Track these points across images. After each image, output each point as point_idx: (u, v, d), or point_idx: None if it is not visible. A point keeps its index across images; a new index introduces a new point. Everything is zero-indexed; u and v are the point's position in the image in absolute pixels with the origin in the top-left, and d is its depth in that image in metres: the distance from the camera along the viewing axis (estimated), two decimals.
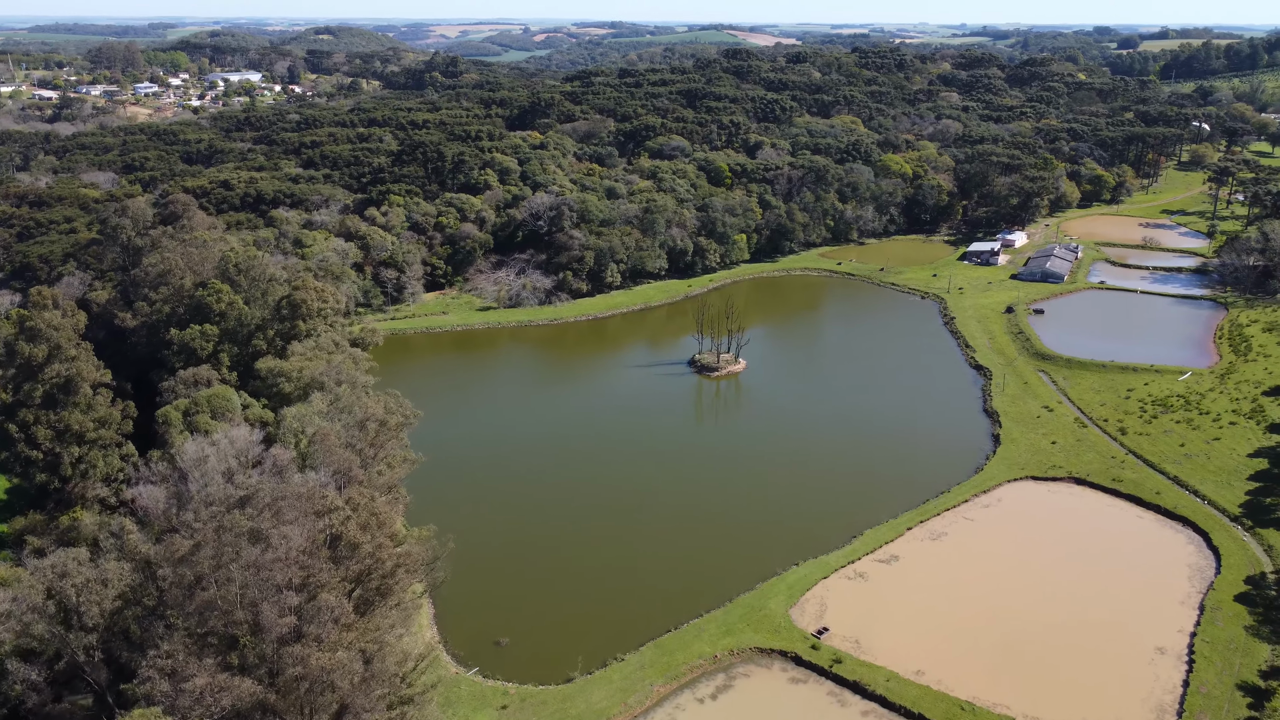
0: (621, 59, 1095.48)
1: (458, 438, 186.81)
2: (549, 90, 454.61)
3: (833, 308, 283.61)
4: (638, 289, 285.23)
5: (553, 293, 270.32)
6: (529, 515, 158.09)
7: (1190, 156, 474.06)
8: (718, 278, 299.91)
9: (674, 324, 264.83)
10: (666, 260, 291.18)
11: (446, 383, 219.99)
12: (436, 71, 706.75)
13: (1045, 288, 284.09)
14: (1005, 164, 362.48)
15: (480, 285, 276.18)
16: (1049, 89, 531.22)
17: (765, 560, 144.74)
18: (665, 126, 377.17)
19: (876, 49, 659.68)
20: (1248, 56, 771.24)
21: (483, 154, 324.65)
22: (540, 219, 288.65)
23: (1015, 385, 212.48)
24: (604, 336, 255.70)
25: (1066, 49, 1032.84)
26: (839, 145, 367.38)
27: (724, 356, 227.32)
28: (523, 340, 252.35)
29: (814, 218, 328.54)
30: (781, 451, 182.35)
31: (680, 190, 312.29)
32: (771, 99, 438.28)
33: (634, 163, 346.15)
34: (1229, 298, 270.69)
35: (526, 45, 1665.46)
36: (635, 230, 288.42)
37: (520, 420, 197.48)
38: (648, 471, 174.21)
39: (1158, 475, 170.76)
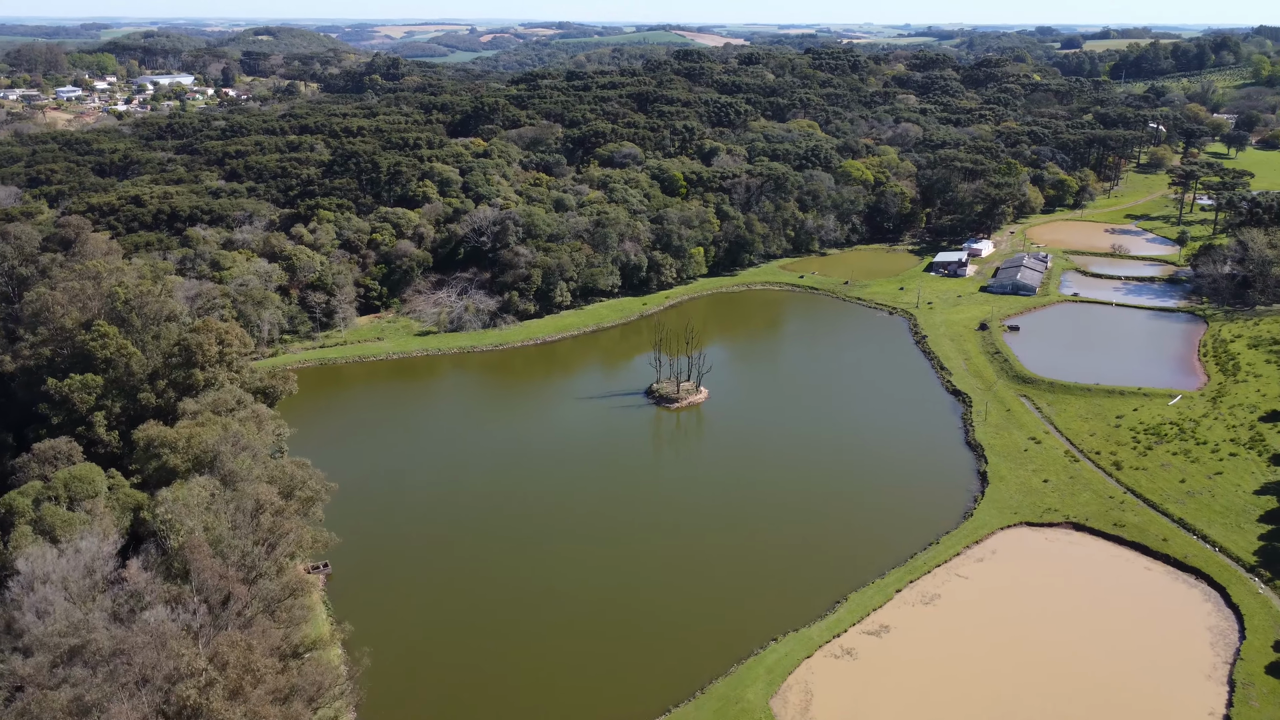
0: (570, 60, 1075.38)
1: (388, 491, 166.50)
2: (493, 94, 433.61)
3: (797, 326, 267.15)
4: (589, 308, 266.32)
5: (498, 315, 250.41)
6: (468, 590, 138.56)
7: (1149, 159, 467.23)
8: (674, 294, 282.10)
9: (629, 346, 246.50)
10: (620, 277, 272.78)
11: (379, 420, 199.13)
12: (377, 74, 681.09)
13: (1017, 301, 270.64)
14: (969, 169, 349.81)
15: (419, 307, 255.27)
16: (1005, 90, 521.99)
17: (739, 636, 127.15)
18: (616, 132, 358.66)
19: (829, 50, 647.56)
20: (1195, 56, 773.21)
21: (421, 164, 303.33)
22: (483, 234, 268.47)
23: (998, 413, 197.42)
24: (554, 363, 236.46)
25: (1014, 49, 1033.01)
26: (797, 151, 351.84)
27: (684, 386, 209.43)
28: (466, 368, 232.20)
29: (774, 228, 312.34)
30: (751, 500, 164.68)
31: (633, 201, 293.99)
32: (725, 102, 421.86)
33: (583, 171, 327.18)
34: (1207, 310, 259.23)
35: (473, 46, 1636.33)
36: (586, 245, 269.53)
37: (461, 466, 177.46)
38: (603, 531, 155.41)
39: (1161, 518, 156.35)
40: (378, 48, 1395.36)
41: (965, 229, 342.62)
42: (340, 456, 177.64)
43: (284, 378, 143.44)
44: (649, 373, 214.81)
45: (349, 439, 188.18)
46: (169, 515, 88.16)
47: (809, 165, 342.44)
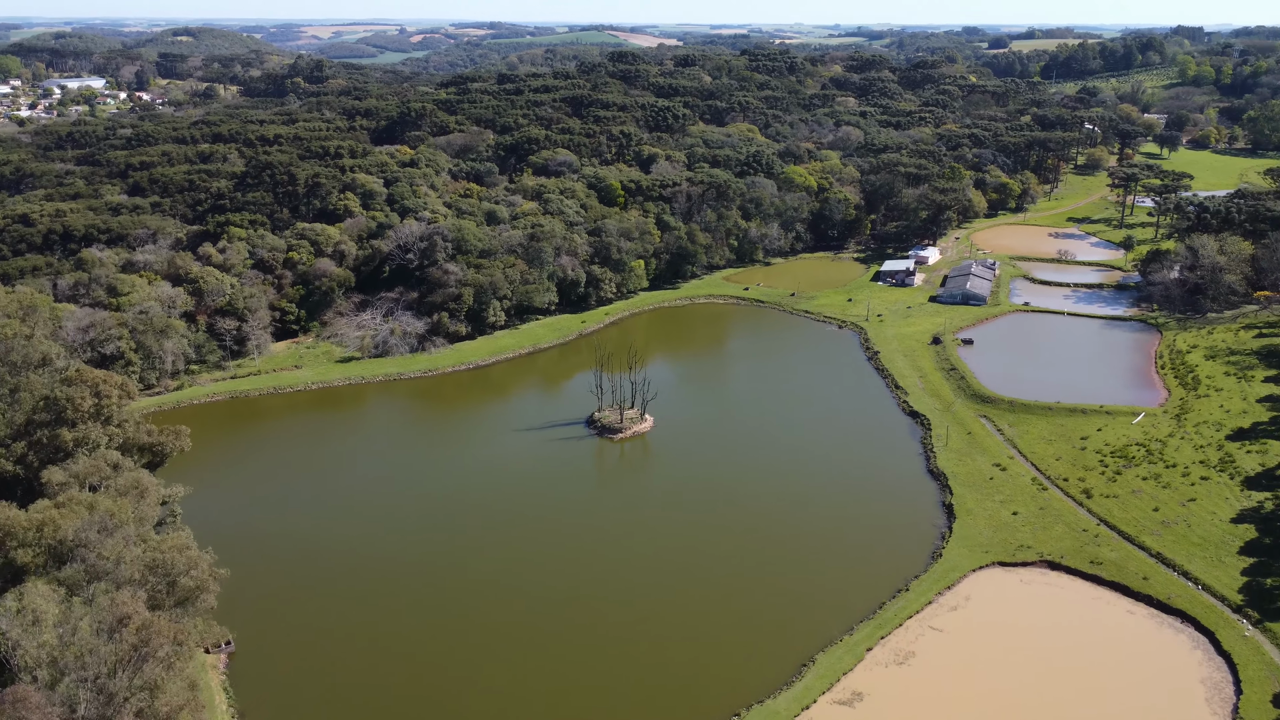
0: (501, 61, 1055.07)
1: (304, 545, 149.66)
2: (420, 99, 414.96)
3: (744, 344, 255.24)
4: (525, 328, 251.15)
5: (426, 337, 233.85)
6: (393, 662, 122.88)
7: (1087, 160, 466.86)
8: (615, 310, 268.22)
9: (568, 368, 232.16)
10: (557, 293, 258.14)
11: (297, 461, 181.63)
12: (300, 77, 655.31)
13: (968, 312, 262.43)
14: (912, 174, 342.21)
15: (341, 331, 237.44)
16: (944, 92, 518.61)
17: (695, 714, 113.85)
18: (550, 139, 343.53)
19: (766, 51, 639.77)
20: (1122, 57, 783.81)
21: (343, 175, 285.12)
22: (410, 251, 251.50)
23: (959, 437, 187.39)
24: (488, 389, 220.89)
25: (944, 49, 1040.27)
26: (738, 157, 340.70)
27: (628, 414, 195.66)
28: (393, 396, 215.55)
29: (717, 238, 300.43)
30: (702, 547, 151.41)
31: (569, 212, 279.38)
32: (663, 106, 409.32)
33: (516, 180, 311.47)
34: (1159, 318, 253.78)
35: (403, 46, 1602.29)
36: (520, 261, 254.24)
37: (386, 513, 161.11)
38: (541, 591, 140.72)
39: (1138, 552, 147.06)
40: (304, 49, 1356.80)
41: (911, 235, 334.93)
42: (250, 508, 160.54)
43: (175, 433, 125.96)
44: (590, 399, 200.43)
45: (261, 485, 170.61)
46: (7, 632, 71.82)
47: (751, 171, 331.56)
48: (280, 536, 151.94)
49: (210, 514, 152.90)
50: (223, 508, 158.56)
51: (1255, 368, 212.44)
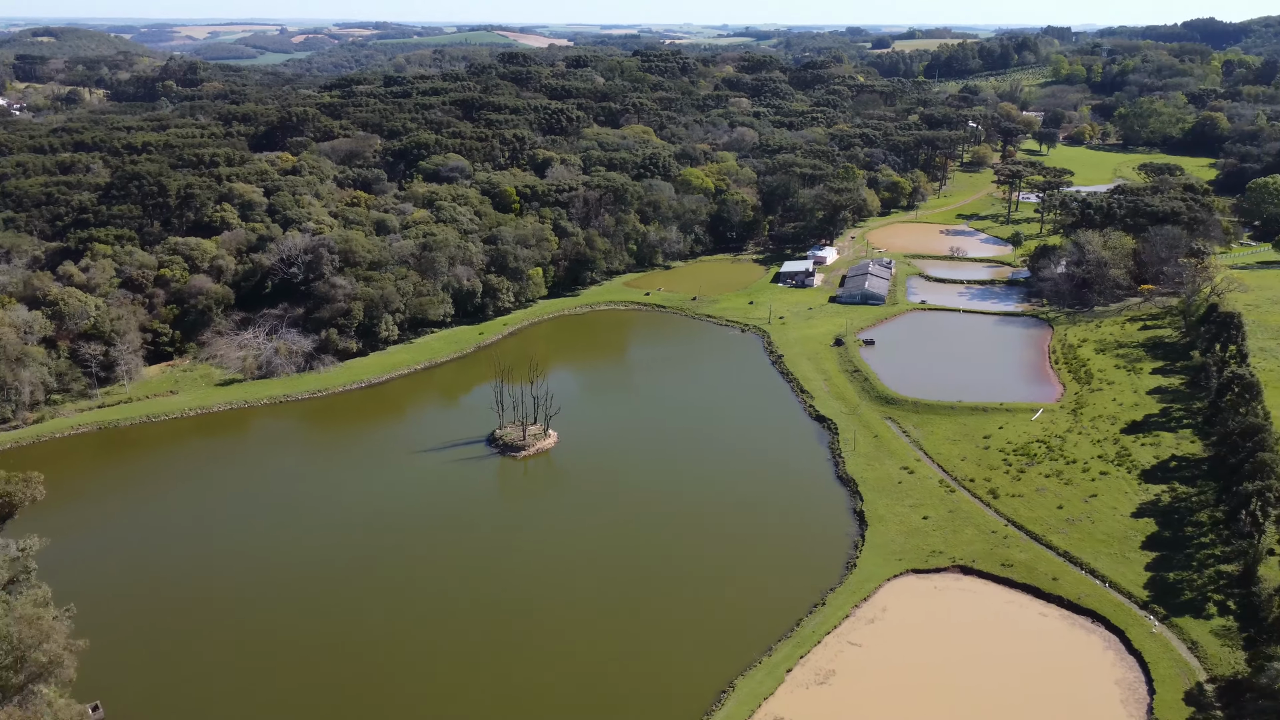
0: (389, 62, 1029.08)
1: (182, 591, 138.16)
2: (303, 102, 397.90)
3: (648, 350, 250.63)
4: (420, 342, 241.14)
5: (315, 356, 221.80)
6: (278, 714, 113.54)
7: (972, 157, 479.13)
8: (513, 320, 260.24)
9: (468, 383, 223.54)
10: (453, 305, 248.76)
11: (172, 497, 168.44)
12: (173, 80, 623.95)
13: (868, 311, 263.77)
14: (808, 175, 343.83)
15: (221, 352, 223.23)
16: (834, 92, 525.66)
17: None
18: (441, 143, 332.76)
19: (658, 52, 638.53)
20: (1000, 56, 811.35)
21: (219, 184, 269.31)
22: (294, 264, 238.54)
23: (866, 441, 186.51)
24: (383, 408, 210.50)
25: (831, 49, 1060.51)
26: (635, 159, 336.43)
27: (530, 430, 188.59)
28: (280, 419, 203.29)
29: (616, 243, 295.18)
30: (612, 567, 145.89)
31: (463, 220, 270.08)
32: (556, 108, 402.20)
33: (407, 188, 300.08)
34: (1049, 313, 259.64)
35: (285, 47, 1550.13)
36: (413, 272, 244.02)
37: (273, 549, 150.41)
38: (442, 622, 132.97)
39: (1047, 552, 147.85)
40: (178, 50, 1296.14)
41: (808, 235, 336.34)
42: (122, 553, 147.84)
43: (24, 481, 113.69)
44: (490, 415, 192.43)
45: (133, 527, 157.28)
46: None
47: (648, 174, 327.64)
48: (155, 583, 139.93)
49: (75, 563, 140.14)
50: (90, 555, 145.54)
51: (1142, 360, 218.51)
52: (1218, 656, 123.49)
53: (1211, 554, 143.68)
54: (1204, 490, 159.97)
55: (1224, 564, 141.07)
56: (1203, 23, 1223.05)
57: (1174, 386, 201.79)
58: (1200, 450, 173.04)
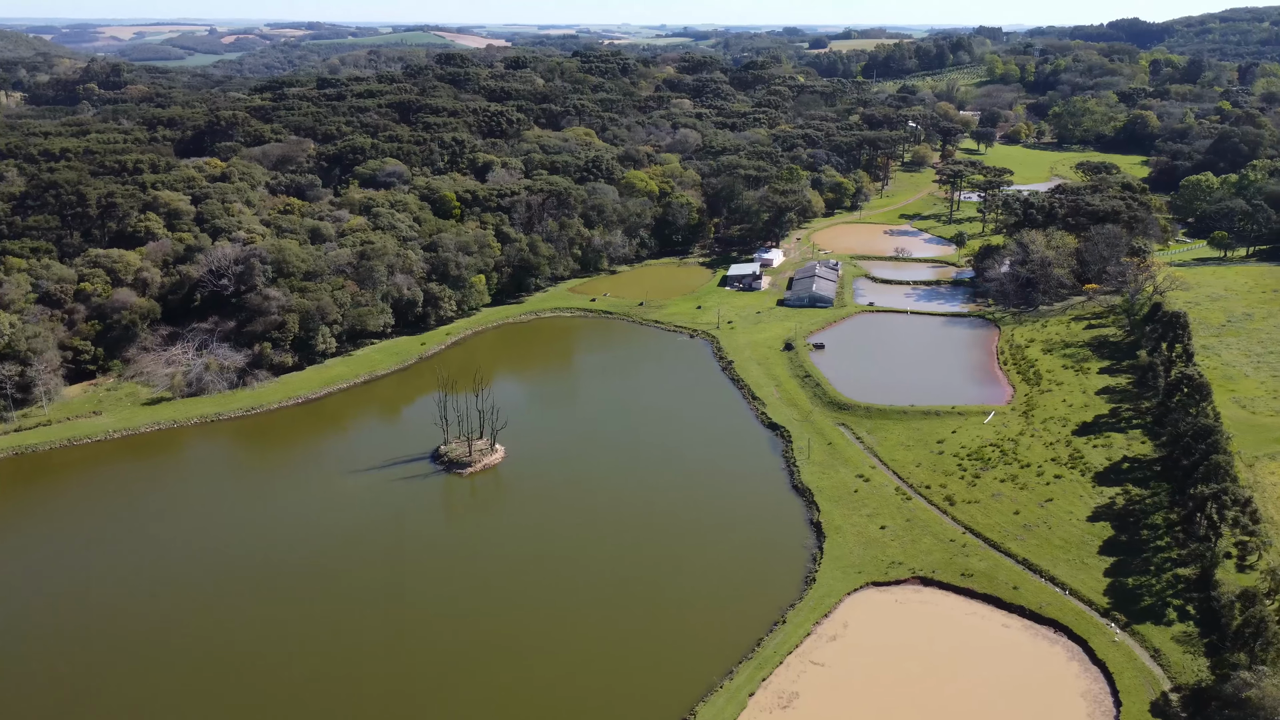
0: (322, 63, 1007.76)
1: (95, 629, 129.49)
2: (232, 106, 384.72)
3: (595, 358, 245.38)
4: (359, 354, 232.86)
5: (248, 371, 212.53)
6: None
7: (913, 157, 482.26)
8: (456, 329, 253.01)
9: (410, 396, 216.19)
10: (392, 315, 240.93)
11: (94, 526, 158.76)
12: (95, 83, 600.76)
13: (817, 314, 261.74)
14: (752, 176, 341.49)
15: (148, 369, 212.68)
16: (774, 93, 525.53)
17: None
18: (377, 148, 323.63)
19: (598, 53, 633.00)
20: (936, 56, 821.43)
21: (144, 192, 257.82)
22: (224, 276, 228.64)
23: (820, 448, 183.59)
24: (321, 425, 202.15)
25: (769, 49, 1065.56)
26: (577, 162, 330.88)
27: (476, 445, 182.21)
28: (212, 439, 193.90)
29: (560, 248, 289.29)
30: (565, 589, 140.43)
31: (402, 227, 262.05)
32: (496, 110, 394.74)
33: (342, 194, 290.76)
34: (995, 313, 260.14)
35: (214, 48, 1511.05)
36: (350, 281, 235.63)
37: (202, 579, 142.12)
38: (387, 656, 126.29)
39: (1006, 560, 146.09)
40: (102, 51, 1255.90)
41: (754, 238, 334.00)
42: (38, 591, 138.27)
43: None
44: (434, 431, 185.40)
45: (51, 561, 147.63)
46: None
47: (591, 177, 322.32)
48: (74, 623, 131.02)
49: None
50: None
51: (1089, 359, 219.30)
52: (1181, 664, 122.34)
53: (1169, 557, 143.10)
54: (1157, 492, 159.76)
55: (1181, 568, 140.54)
56: (1127, 23, 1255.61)
57: (1122, 386, 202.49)
58: (1151, 451, 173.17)
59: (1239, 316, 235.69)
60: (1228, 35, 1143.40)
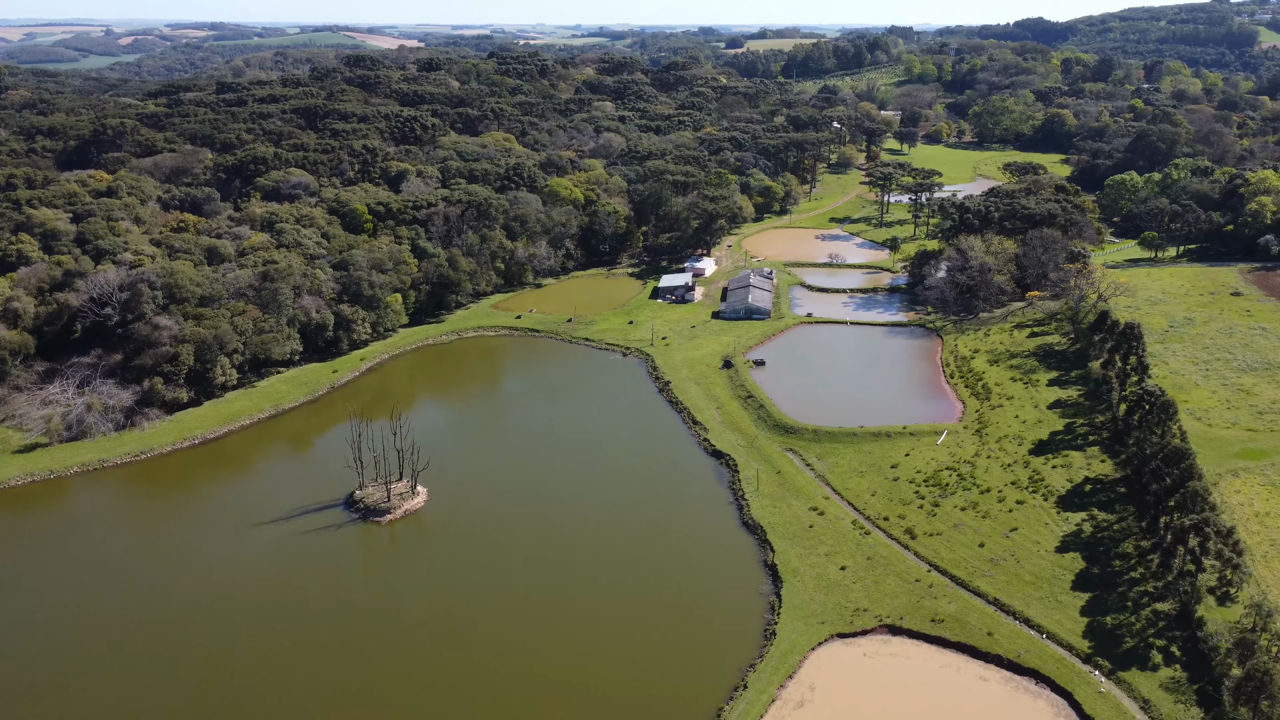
0: (226, 65, 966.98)
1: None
2: (121, 113, 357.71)
3: (523, 382, 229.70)
4: (264, 385, 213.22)
5: (137, 410, 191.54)
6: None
7: (839, 158, 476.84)
8: (371, 354, 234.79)
9: (321, 431, 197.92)
10: (300, 340, 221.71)
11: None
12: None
13: (754, 327, 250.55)
14: (680, 182, 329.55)
15: (20, 411, 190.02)
16: (698, 94, 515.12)
17: None
18: (281, 157, 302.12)
19: (514, 54, 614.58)
20: (854, 56, 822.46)
21: (16, 211, 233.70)
22: (108, 304, 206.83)
23: (769, 478, 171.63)
24: (221, 469, 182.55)
25: (686, 49, 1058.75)
26: (497, 170, 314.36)
27: (396, 488, 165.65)
28: (95, 490, 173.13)
29: (481, 262, 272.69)
30: (499, 651, 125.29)
31: (309, 244, 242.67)
32: (409, 115, 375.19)
33: (243, 208, 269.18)
34: (936, 322, 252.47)
35: (111, 49, 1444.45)
36: (252, 306, 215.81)
37: (81, 655, 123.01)
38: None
39: (976, 600, 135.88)
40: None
41: (684, 246, 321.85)
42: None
43: None
44: (349, 473, 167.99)
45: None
46: None
47: (512, 186, 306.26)
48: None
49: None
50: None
51: (1037, 370, 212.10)
52: (1172, 716, 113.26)
53: (1145, 591, 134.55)
54: (1124, 516, 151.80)
55: (1159, 602, 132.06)
56: (1033, 22, 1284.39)
57: (1073, 399, 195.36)
58: (1112, 470, 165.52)
59: (1180, 321, 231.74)
60: (1128, 34, 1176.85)
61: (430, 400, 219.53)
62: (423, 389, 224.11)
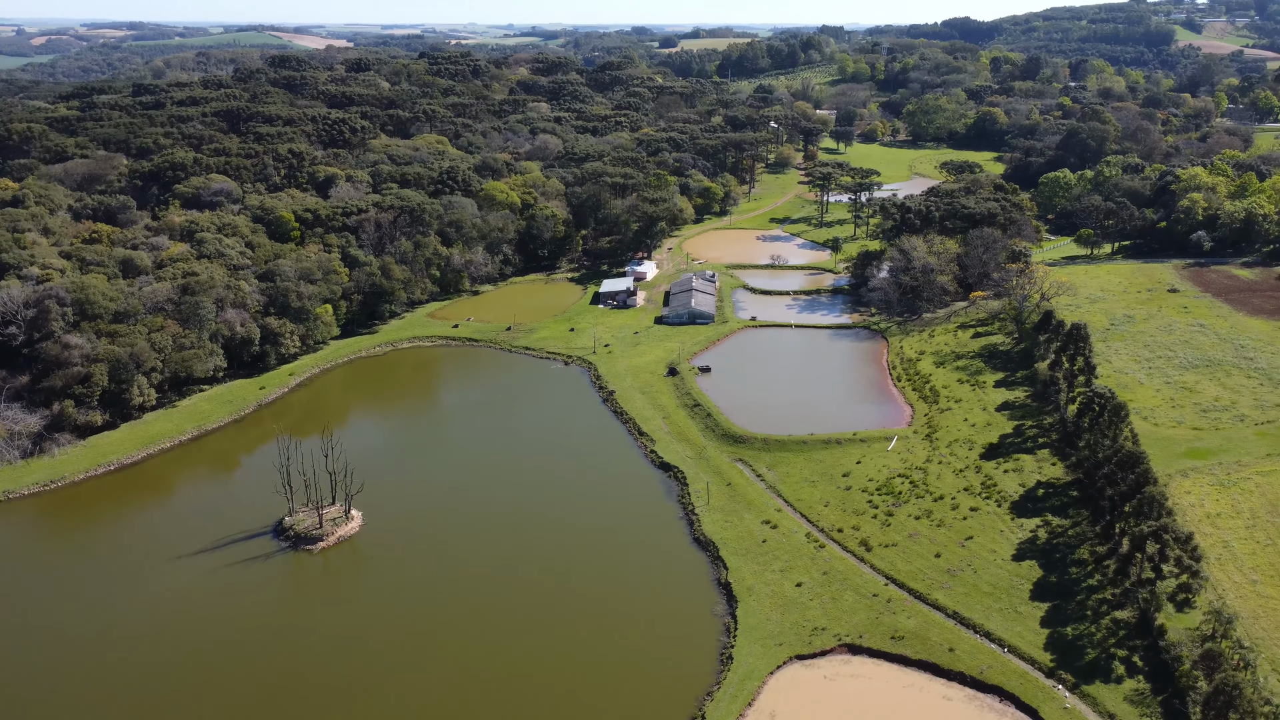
0: (145, 66, 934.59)
1: None
2: (28, 117, 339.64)
3: (461, 394, 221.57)
4: (186, 405, 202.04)
5: (46, 435, 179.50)
6: None
7: (777, 158, 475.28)
8: (301, 368, 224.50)
9: (248, 452, 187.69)
10: (224, 356, 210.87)
11: None
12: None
13: (698, 332, 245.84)
14: (619, 184, 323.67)
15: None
16: (634, 94, 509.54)
17: None
18: (202, 163, 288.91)
19: (447, 54, 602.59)
20: (788, 55, 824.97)
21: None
22: (12, 323, 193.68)
23: (719, 491, 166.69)
24: (139, 496, 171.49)
25: (620, 49, 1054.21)
26: (431, 174, 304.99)
27: (328, 513, 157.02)
28: (1, 523, 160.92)
29: (416, 270, 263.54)
30: (434, 688, 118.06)
31: (232, 254, 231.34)
32: (338, 118, 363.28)
33: (161, 217, 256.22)
34: (880, 323, 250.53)
35: (23, 50, 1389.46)
36: (171, 321, 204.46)
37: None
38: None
39: (935, 614, 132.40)
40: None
41: (625, 249, 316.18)
42: None
43: None
44: (278, 498, 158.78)
45: None
46: None
47: (446, 190, 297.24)
48: None
49: None
50: None
51: (983, 372, 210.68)
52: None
53: (1103, 599, 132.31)
54: (1078, 520, 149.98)
55: (1117, 610, 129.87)
56: (960, 21, 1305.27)
57: (1020, 401, 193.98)
58: (1063, 474, 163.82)
59: (1121, 319, 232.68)
60: (1051, 33, 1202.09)
61: (364, 416, 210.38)
62: (356, 404, 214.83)
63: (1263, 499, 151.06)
